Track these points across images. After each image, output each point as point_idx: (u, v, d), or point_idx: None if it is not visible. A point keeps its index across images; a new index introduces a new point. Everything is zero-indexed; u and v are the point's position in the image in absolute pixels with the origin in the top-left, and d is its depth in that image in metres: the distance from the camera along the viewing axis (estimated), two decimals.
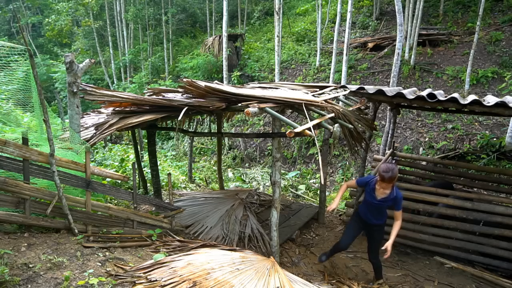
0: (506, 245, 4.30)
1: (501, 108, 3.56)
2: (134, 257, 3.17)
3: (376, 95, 4.17)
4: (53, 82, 17.30)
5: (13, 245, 2.75)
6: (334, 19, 13.64)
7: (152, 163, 5.84)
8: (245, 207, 5.55)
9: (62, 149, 3.60)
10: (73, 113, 3.67)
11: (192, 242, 3.76)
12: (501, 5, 12.88)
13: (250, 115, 3.06)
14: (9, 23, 24.79)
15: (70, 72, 3.53)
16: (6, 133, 4.11)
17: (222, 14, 13.07)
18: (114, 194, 3.86)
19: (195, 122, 8.35)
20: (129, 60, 18.27)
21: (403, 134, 9.59)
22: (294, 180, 9.40)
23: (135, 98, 3.94)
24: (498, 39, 11.25)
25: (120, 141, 12.30)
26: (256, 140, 11.76)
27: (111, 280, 2.55)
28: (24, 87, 3.31)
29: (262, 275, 2.66)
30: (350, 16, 10.03)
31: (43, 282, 2.38)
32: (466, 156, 8.08)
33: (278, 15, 10.76)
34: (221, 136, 7.52)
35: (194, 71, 14.74)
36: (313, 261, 4.66)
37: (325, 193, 6.33)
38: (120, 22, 18.55)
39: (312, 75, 13.06)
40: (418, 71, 11.28)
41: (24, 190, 2.96)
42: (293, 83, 5.22)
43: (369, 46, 13.12)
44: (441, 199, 4.62)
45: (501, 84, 9.65)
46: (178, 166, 9.84)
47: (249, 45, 16.46)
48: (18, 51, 3.01)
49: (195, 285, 2.35)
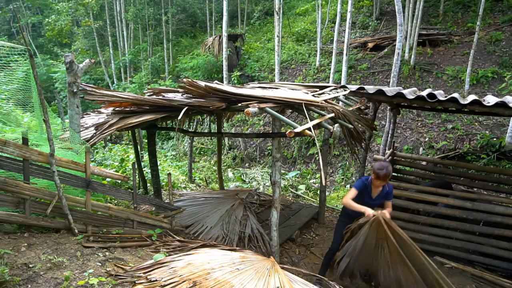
0: (506, 245, 4.30)
1: (501, 108, 3.56)
2: (134, 257, 3.17)
3: (376, 95, 4.17)
4: (53, 82, 17.30)
5: (13, 245, 2.75)
6: (334, 19, 13.64)
7: (152, 163, 5.84)
8: (245, 207, 5.55)
9: (62, 149, 3.61)
10: (73, 113, 3.67)
11: (192, 242, 3.76)
12: (501, 5, 12.88)
13: (250, 115, 3.06)
14: (9, 23, 24.79)
15: (70, 72, 3.53)
16: (6, 133, 4.11)
17: (222, 14, 13.07)
18: (114, 194, 3.86)
19: (195, 122, 8.35)
20: (129, 60, 18.27)
21: (403, 134, 9.59)
22: (294, 180, 9.40)
23: (135, 98, 3.94)
24: (498, 39, 11.25)
25: (120, 141, 12.30)
26: (256, 140, 11.76)
27: (111, 280, 2.55)
28: (24, 87, 3.32)
29: (262, 275, 2.66)
30: (350, 16, 10.03)
31: (43, 282, 2.38)
32: (466, 156, 8.08)
33: (278, 15, 10.76)
34: (221, 136, 7.53)
35: (194, 71, 14.74)
36: (313, 261, 4.66)
37: (325, 193, 6.33)
38: (120, 22, 18.55)
39: (312, 75, 13.06)
40: (418, 71, 11.28)
41: (24, 190, 2.96)
42: (293, 83, 5.22)
43: (369, 46, 13.12)
44: (441, 199, 4.62)
45: (501, 84, 9.65)
46: (178, 166, 9.84)
47: (249, 45, 16.46)
48: (18, 51, 3.01)
49: (195, 285, 2.35)
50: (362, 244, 3.34)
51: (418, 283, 3.14)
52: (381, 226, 3.07)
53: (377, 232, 3.16)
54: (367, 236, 3.25)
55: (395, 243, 3.06)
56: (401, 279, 3.26)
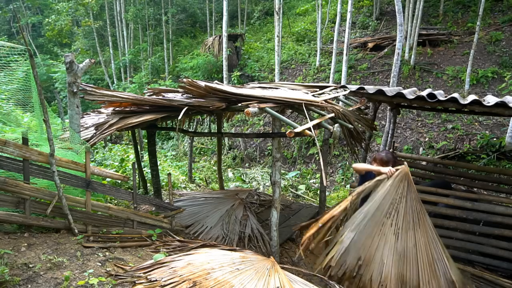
0: (506, 245, 4.30)
1: (501, 108, 3.56)
2: (134, 257, 3.18)
3: (376, 95, 4.17)
4: (53, 82, 17.30)
5: (13, 245, 2.75)
6: (334, 19, 13.64)
7: (152, 163, 5.84)
8: (245, 207, 5.55)
9: (62, 149, 3.61)
10: (73, 113, 3.67)
11: (192, 242, 3.76)
12: (501, 5, 12.88)
13: (250, 115, 3.06)
14: (9, 23, 24.79)
15: (70, 72, 3.53)
16: (6, 133, 4.11)
17: (222, 14, 13.07)
18: (114, 194, 3.86)
19: (195, 122, 8.35)
20: (129, 60, 18.27)
21: (403, 134, 9.59)
22: (294, 180, 9.40)
23: (135, 98, 3.94)
24: (498, 39, 11.25)
25: (120, 141, 12.30)
26: (256, 140, 11.76)
27: (111, 280, 2.55)
28: (24, 87, 3.32)
29: (262, 275, 2.66)
30: (350, 16, 10.03)
31: (43, 282, 2.38)
32: (466, 156, 8.08)
33: (278, 15, 10.76)
34: (221, 136, 7.53)
35: (194, 71, 14.75)
36: (313, 261, 4.66)
37: (325, 193, 6.33)
38: (120, 22, 18.55)
39: (312, 75, 13.06)
40: (418, 71, 11.28)
41: (24, 190, 2.96)
42: (293, 83, 5.22)
43: (369, 46, 13.12)
44: (441, 199, 4.62)
45: (501, 84, 9.65)
46: (178, 166, 9.84)
47: (249, 45, 16.46)
48: (18, 51, 3.01)
49: (195, 285, 2.35)
50: (375, 209, 3.05)
51: (430, 244, 2.97)
52: (405, 178, 2.93)
53: (398, 188, 2.97)
54: (385, 196, 3.02)
55: (417, 196, 2.92)
56: (408, 250, 2.97)
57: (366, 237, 3.08)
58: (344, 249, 3.03)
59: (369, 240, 3.07)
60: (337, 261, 2.99)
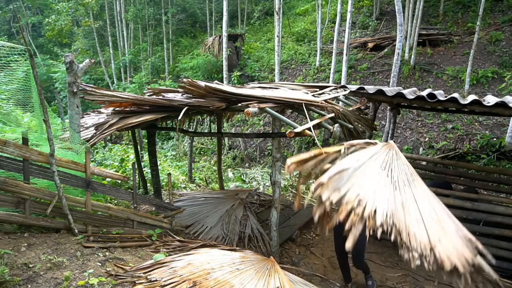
0: (506, 245, 4.30)
1: (501, 108, 3.56)
2: (134, 257, 3.18)
3: (376, 95, 4.16)
4: (53, 82, 17.30)
5: (13, 245, 2.75)
6: (334, 19, 13.64)
7: (152, 163, 5.84)
8: (245, 207, 5.55)
9: (62, 149, 3.61)
10: (73, 113, 3.68)
11: (192, 242, 3.76)
12: (501, 5, 12.88)
13: (250, 115, 3.06)
14: (9, 23, 24.80)
15: (70, 72, 3.54)
16: (6, 133, 4.11)
17: (222, 14, 13.07)
18: (114, 194, 3.86)
19: (195, 122, 8.35)
20: (129, 60, 18.28)
21: (403, 134, 9.59)
22: (294, 180, 9.40)
23: (135, 98, 3.94)
24: (498, 39, 11.25)
25: (120, 141, 12.30)
26: (256, 140, 11.76)
27: (111, 280, 2.55)
28: (24, 87, 3.32)
29: (262, 275, 2.66)
30: (350, 16, 10.02)
31: (43, 282, 2.38)
32: (466, 156, 8.08)
33: (278, 15, 10.76)
34: (221, 136, 7.52)
35: (194, 71, 14.75)
36: (313, 261, 4.66)
37: None
38: (120, 22, 18.56)
39: (312, 75, 13.06)
40: (418, 71, 11.28)
41: (24, 190, 2.96)
42: (293, 83, 5.22)
43: (369, 46, 13.12)
44: (441, 199, 4.61)
45: (501, 84, 9.65)
46: (178, 166, 9.84)
47: (249, 45, 16.46)
48: (18, 51, 3.01)
49: (195, 285, 2.35)
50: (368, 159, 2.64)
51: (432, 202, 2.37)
52: (393, 148, 2.71)
53: (388, 153, 2.72)
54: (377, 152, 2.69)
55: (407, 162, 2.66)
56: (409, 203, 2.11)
57: (362, 177, 2.49)
58: (338, 175, 2.33)
59: (364, 180, 2.48)
60: (330, 181, 2.27)
